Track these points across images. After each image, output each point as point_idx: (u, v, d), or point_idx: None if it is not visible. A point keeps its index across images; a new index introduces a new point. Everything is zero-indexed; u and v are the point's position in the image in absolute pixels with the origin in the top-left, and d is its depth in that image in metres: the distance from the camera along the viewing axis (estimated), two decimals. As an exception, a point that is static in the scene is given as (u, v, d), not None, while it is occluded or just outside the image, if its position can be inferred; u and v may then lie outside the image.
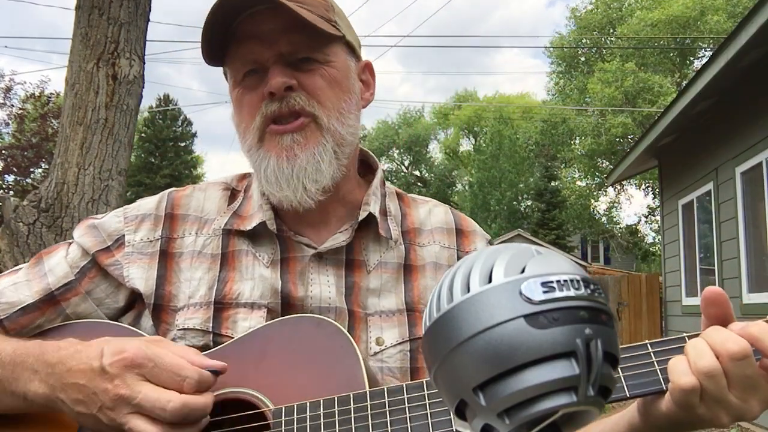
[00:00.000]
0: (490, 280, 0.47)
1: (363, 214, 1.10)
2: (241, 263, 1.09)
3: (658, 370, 0.82)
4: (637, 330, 10.91)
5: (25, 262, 1.17)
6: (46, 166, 20.22)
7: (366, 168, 1.22)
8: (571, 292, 0.46)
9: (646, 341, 0.85)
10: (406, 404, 0.88)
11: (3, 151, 21.47)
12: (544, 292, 0.46)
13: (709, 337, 0.78)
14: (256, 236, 1.11)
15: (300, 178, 1.04)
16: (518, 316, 0.45)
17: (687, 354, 0.78)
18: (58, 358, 0.91)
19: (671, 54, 29.05)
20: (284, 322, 1.01)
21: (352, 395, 0.90)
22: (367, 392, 0.90)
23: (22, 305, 1.08)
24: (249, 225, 1.10)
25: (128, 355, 0.86)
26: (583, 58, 32.27)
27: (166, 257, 1.10)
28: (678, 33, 27.19)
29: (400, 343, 1.06)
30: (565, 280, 0.47)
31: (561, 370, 0.44)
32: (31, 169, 21.67)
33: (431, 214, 1.20)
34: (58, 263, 1.11)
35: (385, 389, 0.89)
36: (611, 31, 30.42)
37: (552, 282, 0.46)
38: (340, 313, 1.06)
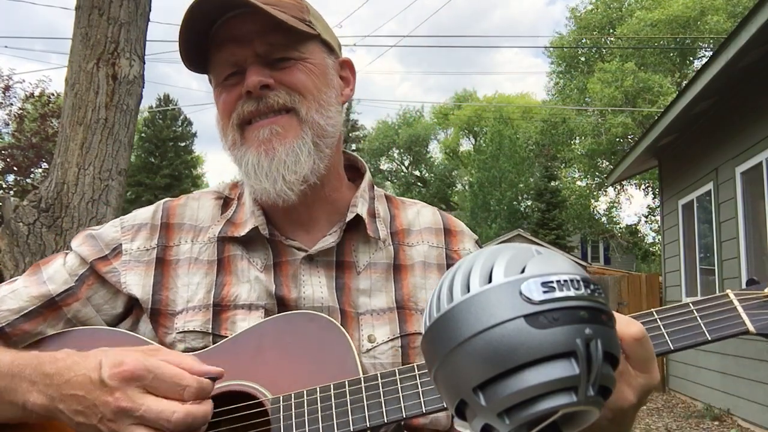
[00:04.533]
0: (490, 280, 0.47)
1: (350, 216, 1.13)
2: (236, 267, 1.11)
3: (702, 324, 0.88)
4: (637, 330, 10.88)
5: (25, 262, 1.17)
6: (46, 166, 20.20)
7: (354, 172, 1.25)
8: (571, 292, 0.46)
9: (688, 301, 0.91)
10: (399, 384, 0.91)
11: (3, 151, 21.45)
12: (544, 292, 0.46)
13: None
14: (249, 243, 1.13)
15: (279, 170, 1.05)
16: (518, 316, 0.45)
17: None
18: (55, 369, 0.92)
19: (671, 54, 29.05)
20: (278, 318, 1.04)
21: (347, 381, 0.92)
22: (362, 378, 0.92)
23: (24, 311, 1.09)
24: (242, 231, 1.12)
25: (128, 368, 0.86)
26: (583, 58, 32.26)
27: (162, 264, 1.12)
28: (678, 33, 27.18)
29: (391, 340, 1.08)
30: (565, 280, 0.46)
31: (561, 370, 0.44)
32: (31, 169, 21.65)
33: (419, 215, 1.23)
34: (57, 271, 1.12)
35: (379, 374, 0.93)
36: (611, 31, 30.40)
37: (552, 282, 0.46)
38: (332, 312, 1.08)
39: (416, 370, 0.91)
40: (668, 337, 0.88)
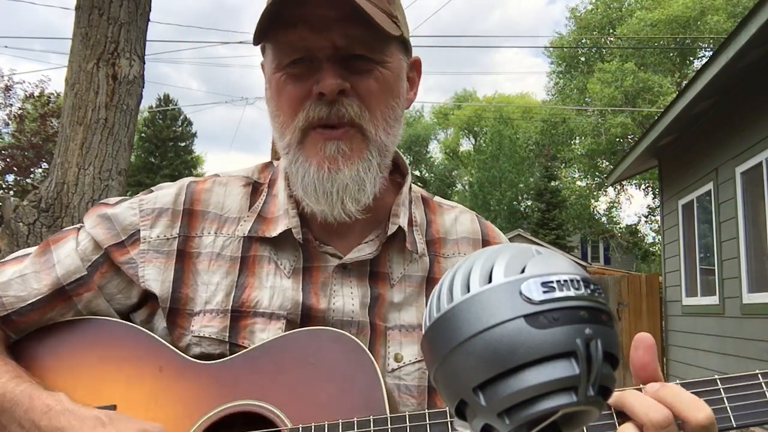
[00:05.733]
0: (490, 280, 0.47)
1: (392, 228, 1.05)
2: (261, 270, 1.04)
3: None
4: (637, 330, 10.87)
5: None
6: (46, 166, 20.21)
7: (393, 169, 1.14)
8: (571, 292, 0.46)
9: (757, 371, 0.81)
10: (429, 430, 0.84)
11: (3, 151, 21.46)
12: (544, 292, 0.46)
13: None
14: (279, 241, 1.05)
15: (340, 194, 0.97)
16: (518, 316, 0.45)
17: None
18: (47, 422, 0.92)
19: (671, 54, 29.06)
20: (303, 333, 0.98)
21: (372, 419, 0.86)
22: (388, 417, 0.86)
23: (32, 300, 1.04)
24: (274, 231, 1.04)
25: None
26: (583, 58, 32.27)
27: (183, 257, 1.05)
28: (678, 33, 27.18)
29: (418, 361, 1.02)
30: (565, 280, 0.46)
31: (561, 370, 0.44)
32: (31, 169, 21.66)
33: (457, 222, 1.15)
34: (68, 255, 1.06)
35: (407, 416, 0.86)
36: (611, 31, 30.41)
37: (552, 282, 0.46)
38: (362, 327, 1.02)
39: (448, 416, 0.84)
40: (731, 412, 0.78)
